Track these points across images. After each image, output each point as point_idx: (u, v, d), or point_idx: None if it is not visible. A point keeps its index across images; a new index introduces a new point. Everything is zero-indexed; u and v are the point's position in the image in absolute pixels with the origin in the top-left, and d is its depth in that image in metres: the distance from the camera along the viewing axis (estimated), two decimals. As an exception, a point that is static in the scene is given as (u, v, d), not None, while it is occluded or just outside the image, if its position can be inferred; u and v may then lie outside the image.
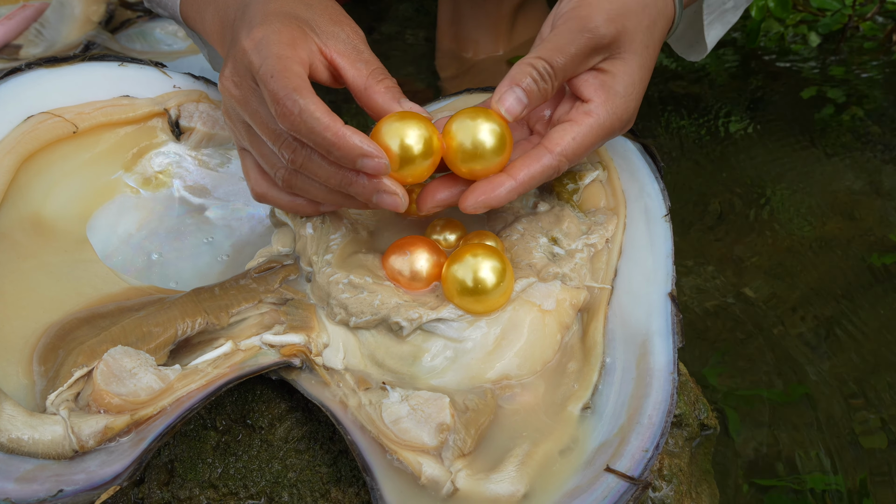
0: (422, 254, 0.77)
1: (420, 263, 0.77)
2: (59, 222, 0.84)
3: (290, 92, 0.70)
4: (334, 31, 0.77)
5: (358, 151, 0.70)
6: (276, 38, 0.73)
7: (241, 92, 0.75)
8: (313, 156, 0.73)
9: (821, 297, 1.09)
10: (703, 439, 0.82)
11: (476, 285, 0.74)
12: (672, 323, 0.75)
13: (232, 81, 0.76)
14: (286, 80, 0.70)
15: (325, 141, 0.69)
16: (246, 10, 0.78)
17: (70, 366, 0.71)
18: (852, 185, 1.25)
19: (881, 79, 1.44)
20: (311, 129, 0.69)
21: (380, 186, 0.72)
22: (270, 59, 0.71)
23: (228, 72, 0.76)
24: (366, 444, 0.69)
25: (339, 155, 0.70)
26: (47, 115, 0.85)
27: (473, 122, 0.74)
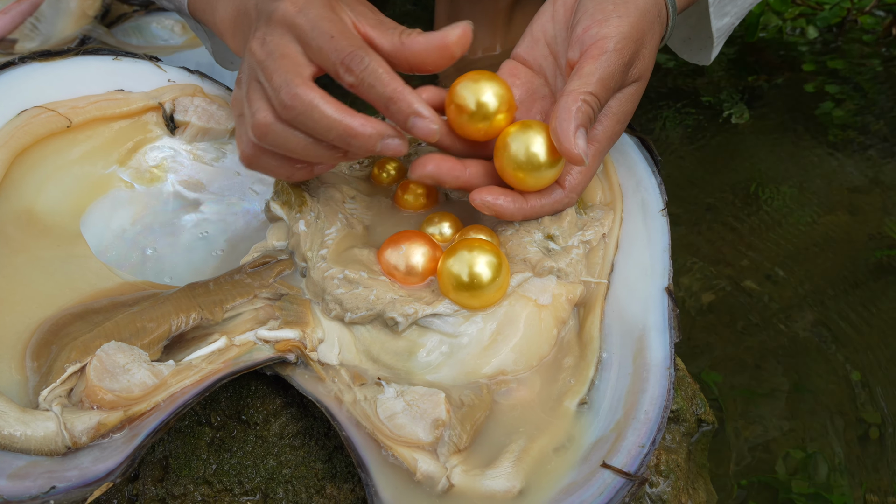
0: (417, 248, 0.77)
1: (415, 258, 0.77)
2: (52, 217, 0.83)
3: (356, 49, 0.73)
4: (361, 9, 0.78)
5: (412, 110, 0.73)
6: (320, 3, 0.75)
7: (266, 50, 0.75)
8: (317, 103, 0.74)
9: (821, 292, 1.09)
10: (700, 435, 0.82)
11: (471, 280, 0.73)
12: (669, 318, 0.74)
13: (262, 41, 0.76)
14: (349, 39, 0.73)
15: (384, 96, 0.73)
16: None
17: (63, 361, 0.70)
18: (852, 179, 1.24)
19: (880, 72, 1.44)
20: (373, 84, 0.73)
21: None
22: (323, 22, 0.74)
23: (261, 33, 0.76)
24: (361, 439, 0.68)
25: (396, 109, 0.73)
26: (41, 109, 0.84)
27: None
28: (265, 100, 0.75)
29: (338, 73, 0.73)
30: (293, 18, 0.74)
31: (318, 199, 0.82)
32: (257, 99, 0.75)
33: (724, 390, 0.98)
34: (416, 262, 0.77)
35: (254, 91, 0.76)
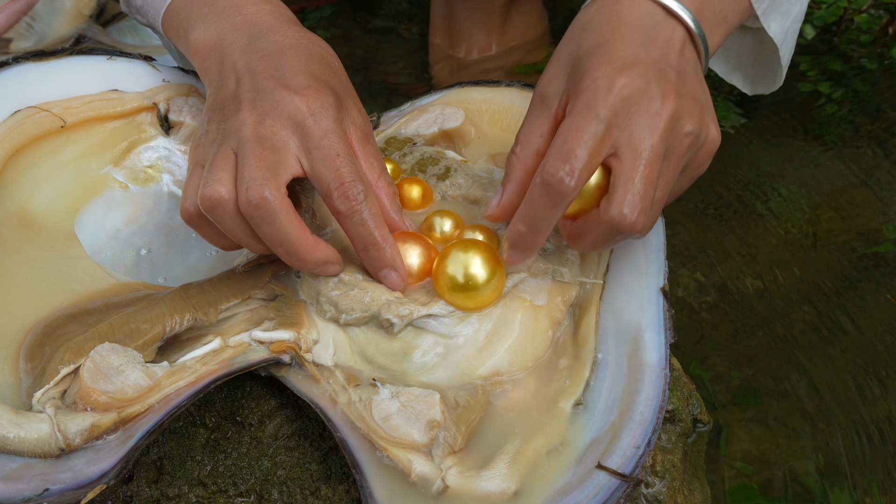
0: (413, 248, 0.77)
1: (411, 259, 0.77)
2: (46, 218, 0.83)
3: (357, 180, 0.72)
4: (357, 119, 0.77)
5: (390, 263, 0.75)
6: (335, 115, 0.73)
7: (263, 132, 0.73)
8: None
9: (816, 290, 1.09)
10: (696, 435, 0.82)
11: (467, 281, 0.73)
12: (664, 318, 0.74)
13: (261, 119, 0.73)
14: (354, 166, 0.72)
15: (371, 238, 0.74)
16: (277, 55, 0.76)
17: (57, 363, 0.70)
18: (847, 178, 1.24)
19: (876, 72, 1.44)
20: (364, 221, 0.73)
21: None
22: (333, 137, 0.72)
23: (261, 110, 0.73)
24: (355, 441, 0.68)
25: (375, 255, 0.74)
26: (35, 109, 0.84)
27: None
28: (230, 177, 0.71)
29: (330, 195, 0.72)
30: (304, 119, 0.72)
31: (313, 199, 0.81)
32: (223, 170, 0.72)
33: (721, 390, 0.98)
34: (411, 263, 0.77)
35: (224, 160, 0.72)
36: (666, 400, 0.70)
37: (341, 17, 1.39)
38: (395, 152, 0.89)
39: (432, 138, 0.90)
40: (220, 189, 0.70)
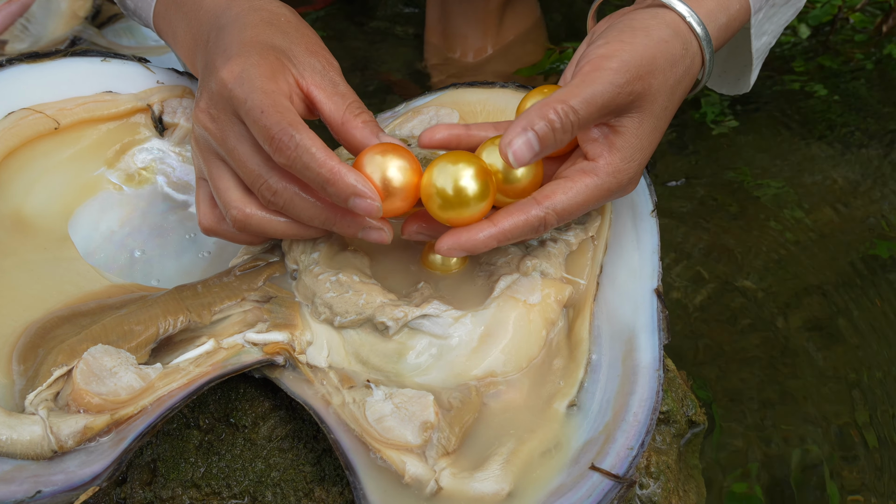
0: (393, 161, 0.73)
1: (391, 171, 0.72)
2: (40, 219, 0.83)
3: (285, 127, 0.69)
4: (310, 62, 0.76)
5: (352, 190, 0.69)
6: (258, 72, 0.72)
7: (217, 126, 0.74)
8: (295, 195, 0.73)
9: (815, 289, 1.09)
10: (691, 436, 0.82)
11: (457, 194, 0.71)
12: (658, 319, 0.74)
13: (209, 115, 0.74)
14: (279, 114, 0.70)
15: (320, 177, 0.69)
16: (220, 36, 0.77)
17: (50, 365, 0.70)
18: (844, 176, 1.24)
19: (871, 70, 1.44)
20: (307, 164, 0.69)
21: (365, 223, 0.73)
22: (256, 94, 0.70)
23: (204, 104, 0.74)
24: (349, 442, 0.68)
25: (333, 192, 0.69)
26: (28, 111, 0.84)
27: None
28: (237, 188, 0.74)
29: (269, 151, 0.70)
30: (231, 90, 0.72)
31: None
32: (228, 188, 0.74)
33: (716, 391, 0.98)
34: (392, 176, 0.72)
35: (221, 176, 0.75)
36: (660, 401, 0.70)
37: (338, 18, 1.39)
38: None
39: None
40: (208, 222, 0.77)
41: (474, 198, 0.71)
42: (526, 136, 0.68)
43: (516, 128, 0.68)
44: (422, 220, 0.76)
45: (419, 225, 0.76)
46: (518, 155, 0.68)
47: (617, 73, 0.70)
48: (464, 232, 0.71)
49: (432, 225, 0.75)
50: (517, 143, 0.68)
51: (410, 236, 0.76)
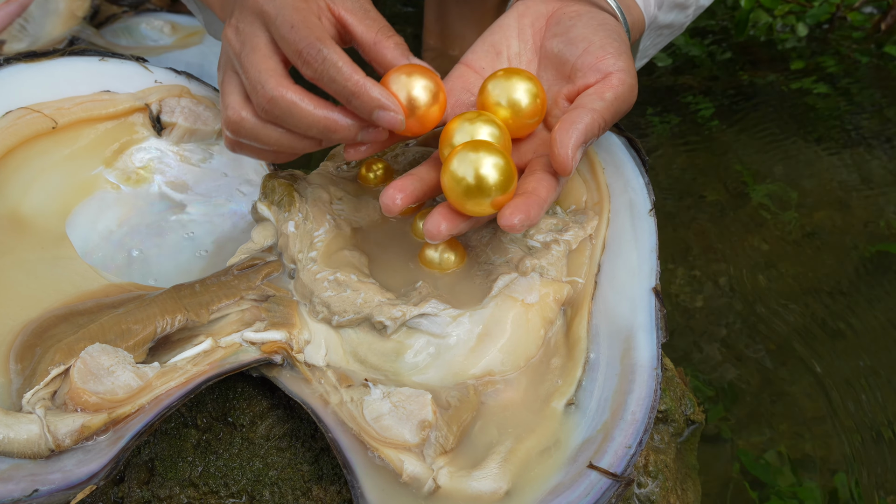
0: (417, 81, 0.75)
1: (416, 90, 0.74)
2: (37, 219, 0.83)
3: (314, 41, 0.72)
4: None
5: (376, 103, 0.72)
6: None
7: (239, 39, 0.76)
8: (293, 104, 0.73)
9: (812, 289, 1.09)
10: (689, 435, 0.82)
11: (478, 183, 0.71)
12: (656, 318, 0.74)
13: (235, 28, 0.76)
14: (308, 29, 0.73)
15: (347, 90, 0.72)
16: None
17: (47, 364, 0.70)
18: (842, 176, 1.24)
19: (870, 69, 1.44)
20: (333, 77, 0.72)
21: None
22: (287, 10, 0.73)
23: (234, 20, 0.77)
24: (347, 441, 0.68)
25: (358, 104, 0.72)
26: (26, 110, 0.84)
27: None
28: (240, 93, 0.76)
29: (297, 64, 0.73)
30: (262, 7, 0.74)
31: (307, 199, 0.81)
32: (231, 92, 0.76)
33: (714, 390, 0.97)
34: (417, 95, 0.74)
35: (229, 82, 0.77)
36: (657, 400, 0.70)
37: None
38: (387, 153, 0.89)
39: (425, 139, 0.90)
40: (236, 110, 0.75)
41: (496, 186, 0.71)
42: (581, 151, 0.72)
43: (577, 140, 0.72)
44: (445, 219, 0.74)
45: (447, 224, 0.73)
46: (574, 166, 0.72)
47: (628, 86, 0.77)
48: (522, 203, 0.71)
49: (455, 219, 0.74)
50: (579, 156, 0.72)
51: (440, 237, 0.74)
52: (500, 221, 0.70)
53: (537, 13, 0.83)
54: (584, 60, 0.78)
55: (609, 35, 0.79)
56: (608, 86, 0.75)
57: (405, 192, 0.74)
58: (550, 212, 0.82)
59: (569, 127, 0.72)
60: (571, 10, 0.81)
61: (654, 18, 0.93)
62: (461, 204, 0.72)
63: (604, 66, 0.77)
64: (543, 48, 0.82)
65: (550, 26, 0.81)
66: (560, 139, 0.71)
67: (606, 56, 0.77)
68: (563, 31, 0.80)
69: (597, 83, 0.76)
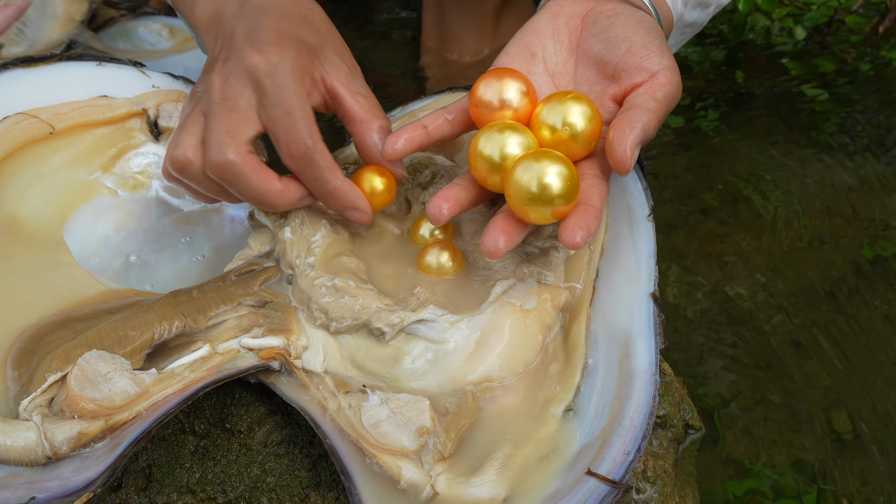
0: (512, 84, 0.77)
1: (510, 93, 0.77)
2: (34, 224, 0.83)
3: (305, 135, 0.75)
4: (338, 63, 0.81)
5: (351, 205, 0.78)
6: (292, 69, 0.77)
7: (228, 90, 0.77)
8: None
9: (811, 295, 1.09)
10: (688, 441, 0.82)
11: (542, 191, 0.70)
12: (654, 324, 0.74)
13: (224, 78, 0.78)
14: (303, 120, 0.76)
15: (324, 190, 0.77)
16: (256, 15, 0.80)
17: (44, 370, 0.70)
18: (841, 180, 1.24)
19: (868, 73, 1.44)
20: (314, 176, 0.76)
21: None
22: (287, 94, 0.76)
23: (226, 69, 0.78)
24: (345, 447, 0.68)
25: (333, 203, 0.78)
26: (23, 115, 0.84)
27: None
28: (197, 136, 0.77)
29: (281, 151, 0.76)
30: (261, 77, 0.76)
31: None
32: (190, 131, 0.78)
33: (713, 396, 0.97)
34: (509, 98, 0.77)
35: (193, 120, 0.78)
36: (656, 406, 0.70)
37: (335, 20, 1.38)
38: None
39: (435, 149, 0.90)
40: (186, 152, 0.77)
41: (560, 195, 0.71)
42: (637, 150, 0.72)
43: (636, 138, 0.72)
44: (504, 233, 0.72)
45: (505, 239, 0.72)
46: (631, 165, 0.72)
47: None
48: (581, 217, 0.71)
49: (514, 233, 0.73)
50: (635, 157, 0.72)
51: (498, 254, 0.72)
52: (563, 238, 0.70)
53: (571, 13, 0.82)
54: (629, 60, 0.78)
55: (649, 33, 0.79)
56: (657, 85, 0.76)
57: (451, 201, 0.74)
58: None
59: (626, 126, 0.72)
60: (607, 8, 0.81)
61: (681, 16, 0.93)
62: (523, 212, 0.72)
63: (650, 64, 0.77)
64: (581, 48, 0.81)
65: (587, 25, 0.81)
66: (618, 138, 0.71)
67: (650, 55, 0.77)
68: (601, 30, 0.80)
69: (644, 83, 0.76)
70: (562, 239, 0.70)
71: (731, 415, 0.95)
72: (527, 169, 0.71)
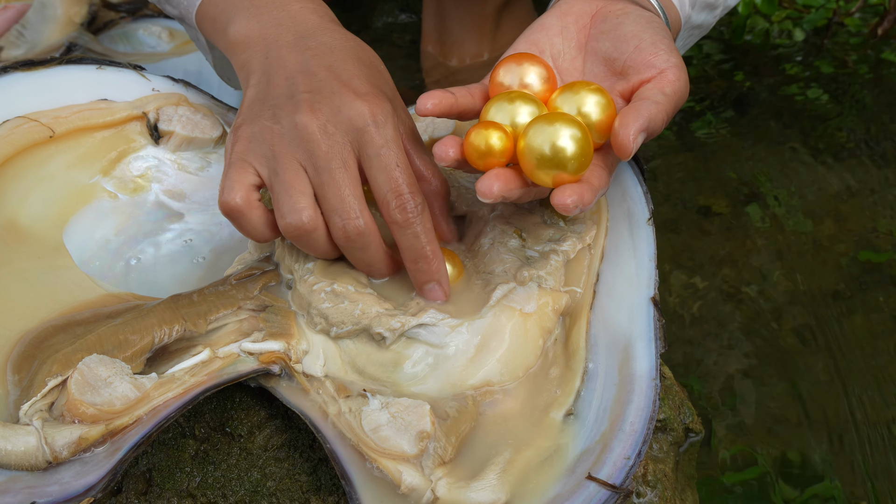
0: (532, 68, 0.77)
1: (530, 78, 0.77)
2: (34, 228, 0.83)
3: (416, 191, 0.73)
4: (403, 118, 0.78)
5: (437, 277, 0.76)
6: (393, 123, 0.74)
7: (328, 143, 0.72)
8: (372, 243, 0.75)
9: (811, 299, 1.09)
10: (688, 444, 0.82)
11: (555, 154, 0.70)
12: (654, 328, 0.74)
13: (324, 129, 0.73)
14: (411, 176, 0.73)
15: (422, 251, 0.74)
16: (325, 55, 0.77)
17: (44, 375, 0.70)
18: (840, 183, 1.25)
19: (868, 75, 1.44)
20: (417, 233, 0.73)
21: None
22: (394, 146, 0.73)
23: (324, 117, 0.73)
24: (345, 452, 0.68)
25: (424, 268, 0.75)
26: (23, 119, 0.84)
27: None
28: (311, 201, 0.73)
29: (388, 205, 0.73)
30: (366, 126, 0.73)
31: None
32: (302, 194, 0.73)
33: (713, 399, 0.97)
34: (530, 81, 0.77)
35: (297, 179, 0.73)
36: (656, 410, 0.70)
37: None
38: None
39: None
40: (306, 218, 0.72)
41: (573, 158, 0.71)
42: (642, 137, 0.72)
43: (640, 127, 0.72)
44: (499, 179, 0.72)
45: (499, 185, 0.72)
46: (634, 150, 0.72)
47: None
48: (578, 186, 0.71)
49: (511, 180, 0.73)
50: (639, 142, 0.72)
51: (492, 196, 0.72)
52: (554, 200, 0.70)
53: (581, 11, 0.83)
54: (637, 57, 0.78)
55: (658, 32, 0.79)
56: (666, 81, 0.76)
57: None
58: (549, 222, 0.82)
59: (632, 113, 0.72)
60: (616, 8, 0.82)
61: (689, 18, 0.94)
62: (532, 172, 0.72)
63: (658, 62, 0.77)
64: (589, 46, 0.82)
65: (596, 24, 0.82)
66: (622, 123, 0.72)
67: (659, 52, 0.78)
68: (610, 28, 0.80)
69: (653, 78, 0.77)
70: (553, 201, 0.70)
71: (732, 418, 0.95)
72: (541, 131, 0.71)
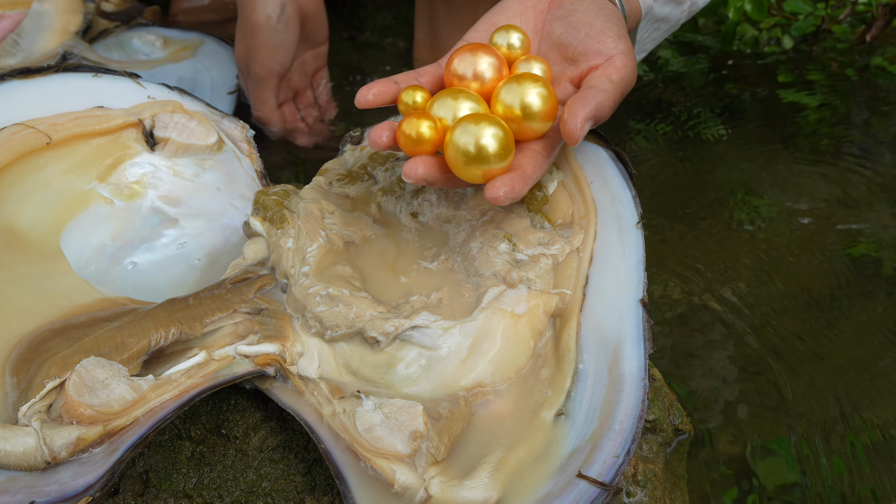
0: (484, 59, 0.80)
1: (482, 66, 0.80)
2: (32, 233, 0.83)
3: None
4: None
5: None
6: None
7: None
8: None
9: (797, 300, 1.10)
10: (677, 444, 0.83)
11: (478, 152, 0.74)
12: (643, 329, 0.75)
13: None
14: None
15: None
16: None
17: (42, 377, 0.70)
18: (827, 189, 1.26)
19: (855, 81, 1.45)
20: None
21: None
22: None
23: None
24: (339, 452, 0.69)
25: None
26: (20, 126, 0.85)
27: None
28: None
29: None
30: None
31: (299, 215, 0.82)
32: None
33: (702, 400, 0.98)
34: (482, 71, 0.80)
35: None
36: (645, 410, 0.71)
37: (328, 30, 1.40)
38: (377, 167, 0.90)
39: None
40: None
41: (496, 156, 0.74)
42: (588, 126, 0.75)
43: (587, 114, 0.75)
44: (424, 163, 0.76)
45: (423, 168, 0.76)
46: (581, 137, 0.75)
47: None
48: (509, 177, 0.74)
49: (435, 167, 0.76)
50: (584, 130, 0.75)
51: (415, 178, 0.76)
52: (487, 193, 0.73)
53: None
54: (587, 44, 0.82)
55: (609, 20, 0.83)
56: (613, 68, 0.80)
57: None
58: (538, 226, 0.83)
59: (579, 102, 0.75)
60: None
61: (650, 9, 0.98)
62: (459, 170, 0.75)
63: (605, 48, 0.81)
64: (545, 30, 0.86)
65: (553, 9, 0.86)
66: (570, 111, 0.75)
67: (607, 39, 0.81)
68: (564, 14, 0.85)
69: (601, 66, 0.80)
70: (486, 195, 0.73)
71: (721, 418, 0.96)
72: (464, 130, 0.74)
